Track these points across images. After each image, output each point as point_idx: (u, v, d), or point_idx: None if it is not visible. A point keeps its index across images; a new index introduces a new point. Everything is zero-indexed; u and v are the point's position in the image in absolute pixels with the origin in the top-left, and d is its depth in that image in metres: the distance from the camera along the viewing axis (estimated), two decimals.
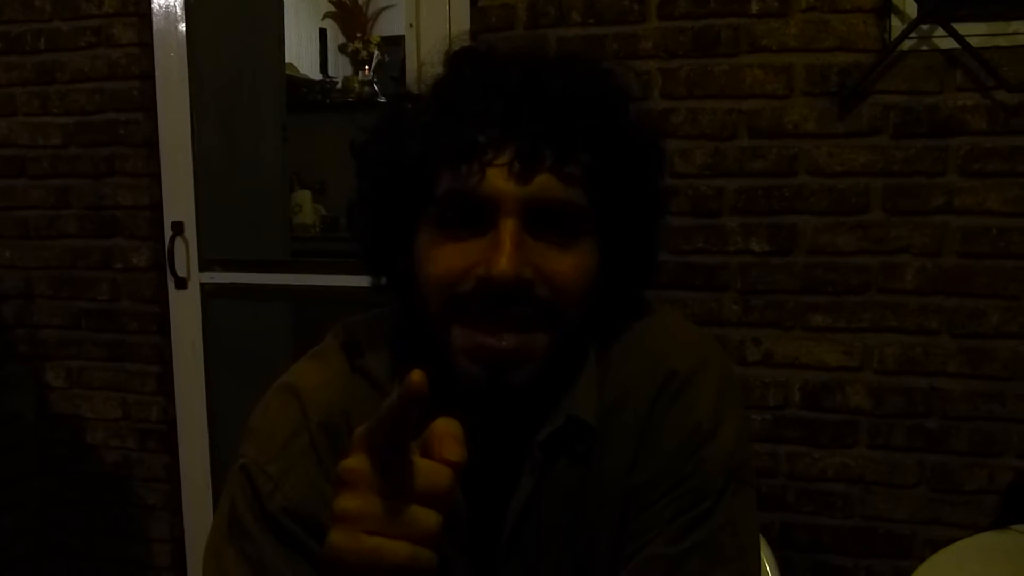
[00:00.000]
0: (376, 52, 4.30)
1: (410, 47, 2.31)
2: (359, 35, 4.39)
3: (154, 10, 2.47)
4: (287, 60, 3.75)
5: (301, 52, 4.48)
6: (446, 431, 0.61)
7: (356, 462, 0.61)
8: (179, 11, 2.46)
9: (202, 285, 2.54)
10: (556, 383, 0.84)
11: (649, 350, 0.87)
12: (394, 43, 4.24)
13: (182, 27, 2.46)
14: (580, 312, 0.80)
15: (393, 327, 0.89)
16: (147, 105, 2.50)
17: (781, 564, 1.54)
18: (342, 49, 4.46)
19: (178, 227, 2.52)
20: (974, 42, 1.92)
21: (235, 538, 0.82)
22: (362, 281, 0.91)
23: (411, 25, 2.28)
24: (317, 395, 0.86)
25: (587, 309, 0.82)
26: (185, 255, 2.53)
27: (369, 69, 4.29)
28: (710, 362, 0.87)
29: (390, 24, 4.42)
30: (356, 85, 4.26)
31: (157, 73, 2.49)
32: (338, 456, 0.82)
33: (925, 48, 1.97)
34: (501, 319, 0.76)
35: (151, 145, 2.51)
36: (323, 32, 4.57)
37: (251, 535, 0.82)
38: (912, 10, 1.96)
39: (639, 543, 0.82)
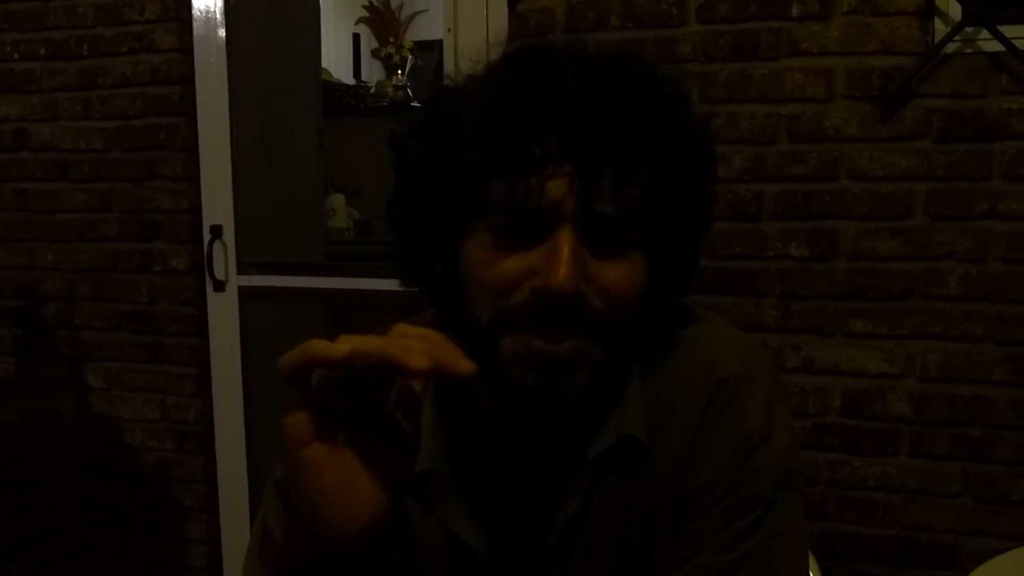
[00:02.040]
0: (409, 56, 4.31)
1: (448, 51, 2.33)
2: (392, 40, 4.41)
3: (195, 16, 2.50)
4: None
5: (335, 57, 4.51)
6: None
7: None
8: (219, 17, 2.48)
9: (240, 288, 2.56)
10: (604, 396, 0.83)
11: (698, 359, 0.85)
12: (427, 47, 4.26)
13: (222, 33, 2.49)
14: (631, 323, 0.79)
15: None
16: (187, 110, 2.53)
17: (822, 573, 1.52)
18: (375, 54, 4.49)
19: (216, 231, 2.54)
20: (1020, 44, 1.89)
21: (269, 556, 0.82)
22: (395, 284, 0.89)
23: (449, 30, 2.29)
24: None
25: (635, 320, 0.80)
26: (223, 258, 2.55)
27: (402, 73, 4.31)
28: (760, 369, 0.85)
29: (423, 28, 4.44)
30: (389, 89, 4.28)
31: (197, 78, 2.52)
32: None
33: (969, 51, 1.95)
34: (555, 329, 0.74)
35: (190, 149, 2.54)
36: (356, 37, 4.60)
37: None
38: (956, 12, 1.93)
39: (689, 551, 0.81)
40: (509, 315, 0.75)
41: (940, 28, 1.95)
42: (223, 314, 2.58)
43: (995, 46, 1.91)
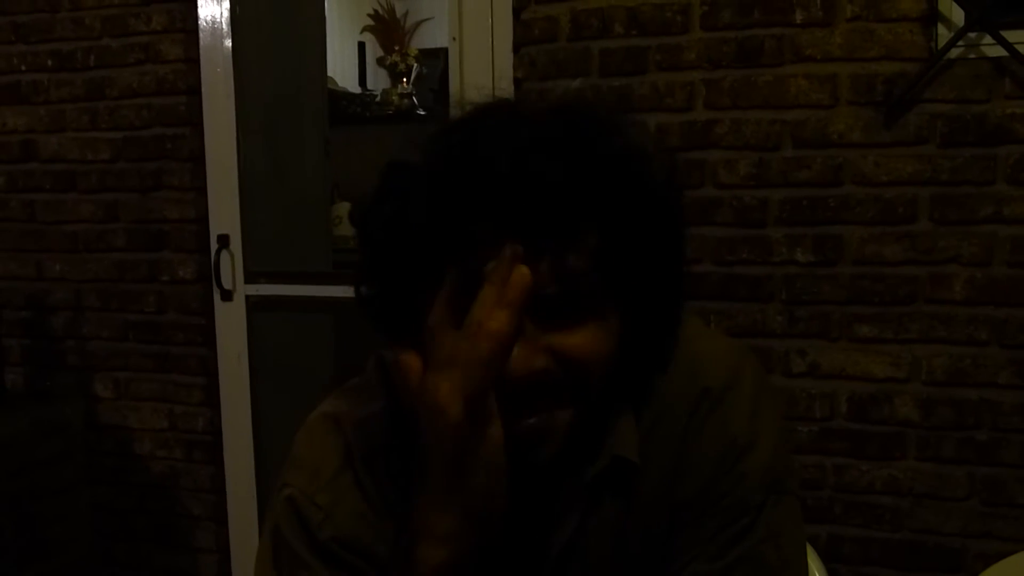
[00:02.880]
0: (415, 64, 4.32)
1: (453, 60, 2.34)
2: (397, 48, 4.42)
3: (201, 26, 2.51)
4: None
5: (340, 66, 4.52)
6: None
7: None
8: (225, 27, 2.50)
9: (247, 297, 2.57)
10: (595, 426, 0.82)
11: (681, 369, 0.85)
12: (432, 55, 4.27)
13: (228, 43, 2.51)
14: (604, 382, 0.78)
15: None
16: (194, 120, 2.54)
17: None
18: (380, 62, 4.49)
19: (224, 240, 2.55)
20: (1023, 49, 1.90)
21: (286, 566, 0.82)
22: None
23: (454, 38, 2.30)
24: (360, 430, 0.85)
25: (612, 376, 0.79)
26: (231, 268, 2.56)
27: (408, 82, 4.32)
28: (742, 375, 0.85)
29: (428, 36, 4.44)
30: (395, 98, 4.29)
31: (203, 88, 2.54)
32: (381, 491, 0.83)
33: (973, 56, 1.95)
34: (516, 407, 0.73)
35: (197, 159, 2.56)
36: (361, 45, 4.61)
37: (305, 562, 0.81)
38: (959, 18, 1.94)
39: (682, 562, 0.82)
40: None
41: (943, 33, 1.96)
42: (231, 323, 2.59)
43: (998, 51, 1.92)
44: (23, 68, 2.68)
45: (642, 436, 0.84)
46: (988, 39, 1.92)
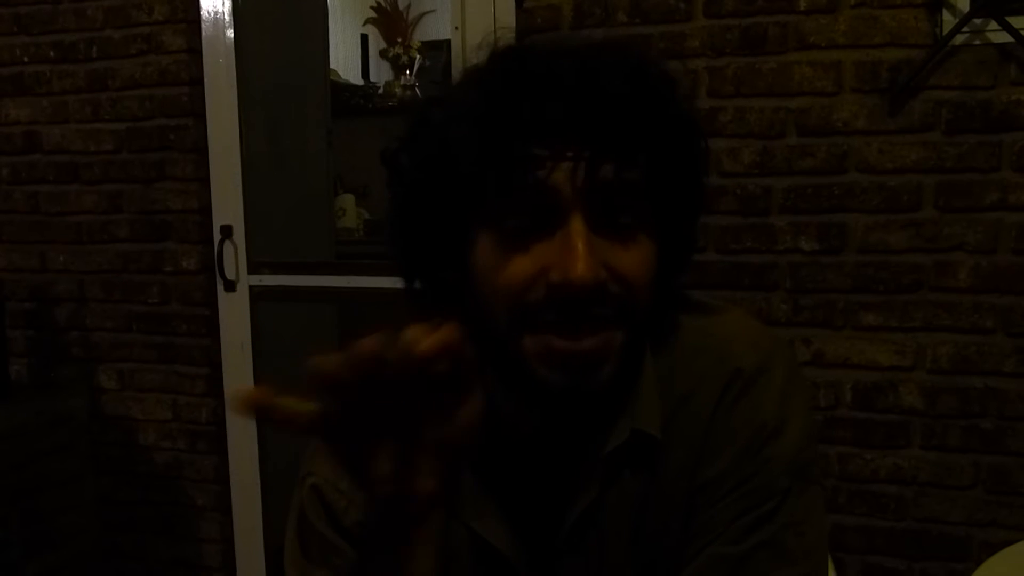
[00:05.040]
0: (417, 56, 4.32)
1: (456, 50, 2.33)
2: (400, 40, 4.41)
3: (203, 17, 2.51)
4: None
5: (343, 58, 4.52)
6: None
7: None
8: (227, 18, 2.50)
9: (251, 287, 2.57)
10: (619, 391, 0.82)
11: (712, 351, 0.85)
12: (435, 47, 4.27)
13: (230, 34, 2.50)
14: (649, 307, 0.79)
15: None
16: (196, 111, 2.54)
17: (835, 566, 1.52)
18: (383, 54, 4.49)
19: (227, 231, 2.55)
20: None
21: (318, 556, 0.83)
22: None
23: (456, 28, 2.29)
24: None
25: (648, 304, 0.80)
26: (234, 258, 2.56)
27: (410, 73, 4.31)
28: (776, 360, 0.85)
29: (431, 28, 4.44)
30: (398, 90, 4.28)
31: (206, 79, 2.53)
32: None
33: (978, 42, 1.94)
34: (578, 324, 0.74)
35: (200, 150, 2.55)
36: (364, 38, 4.61)
37: (335, 546, 0.82)
38: (964, 4, 1.93)
39: (701, 543, 0.81)
40: (527, 315, 0.74)
41: (948, 20, 1.95)
42: (234, 314, 2.59)
43: (1003, 37, 1.91)
44: (25, 60, 2.67)
45: (668, 412, 0.83)
46: (993, 25, 1.91)
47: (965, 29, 1.92)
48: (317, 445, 0.87)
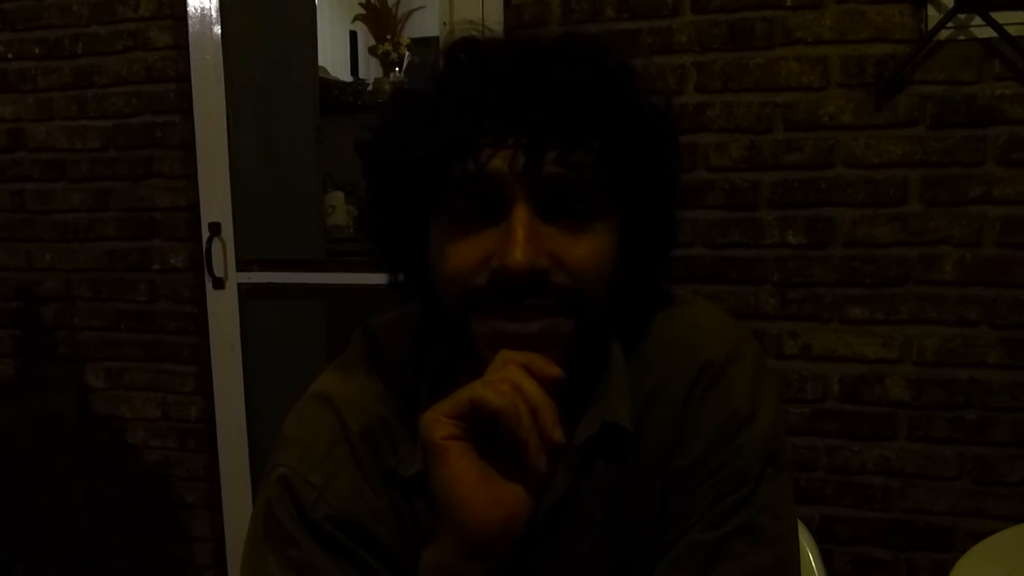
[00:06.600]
0: (406, 53, 4.31)
1: (444, 46, 2.33)
2: (389, 37, 4.40)
3: (190, 13, 2.50)
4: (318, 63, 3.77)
5: (331, 54, 4.50)
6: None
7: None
8: (214, 14, 2.49)
9: (239, 285, 2.57)
10: (586, 382, 0.83)
11: (682, 342, 0.86)
12: (424, 44, 4.26)
13: (217, 30, 2.49)
14: (602, 298, 0.79)
15: (415, 327, 0.89)
16: (183, 107, 2.53)
17: (822, 557, 1.53)
18: (372, 51, 4.48)
19: (215, 228, 2.55)
20: (1012, 31, 1.90)
21: (276, 543, 0.82)
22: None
23: (445, 24, 2.30)
24: (353, 404, 0.86)
25: (610, 297, 0.80)
26: (222, 255, 2.56)
27: (400, 70, 4.31)
28: (744, 350, 0.87)
29: (420, 25, 4.43)
30: (387, 87, 4.26)
31: (193, 76, 2.52)
32: (379, 465, 0.83)
33: (962, 37, 1.96)
34: (520, 310, 0.75)
35: (188, 147, 2.55)
36: (353, 34, 4.59)
37: (296, 541, 0.81)
38: None
39: (679, 530, 0.83)
40: (472, 299, 0.76)
41: (933, 15, 1.96)
42: (223, 311, 2.59)
43: (988, 32, 1.92)
44: (10, 56, 2.66)
45: (640, 404, 0.85)
46: (978, 20, 1.93)
47: (950, 24, 1.94)
48: (286, 436, 0.88)
